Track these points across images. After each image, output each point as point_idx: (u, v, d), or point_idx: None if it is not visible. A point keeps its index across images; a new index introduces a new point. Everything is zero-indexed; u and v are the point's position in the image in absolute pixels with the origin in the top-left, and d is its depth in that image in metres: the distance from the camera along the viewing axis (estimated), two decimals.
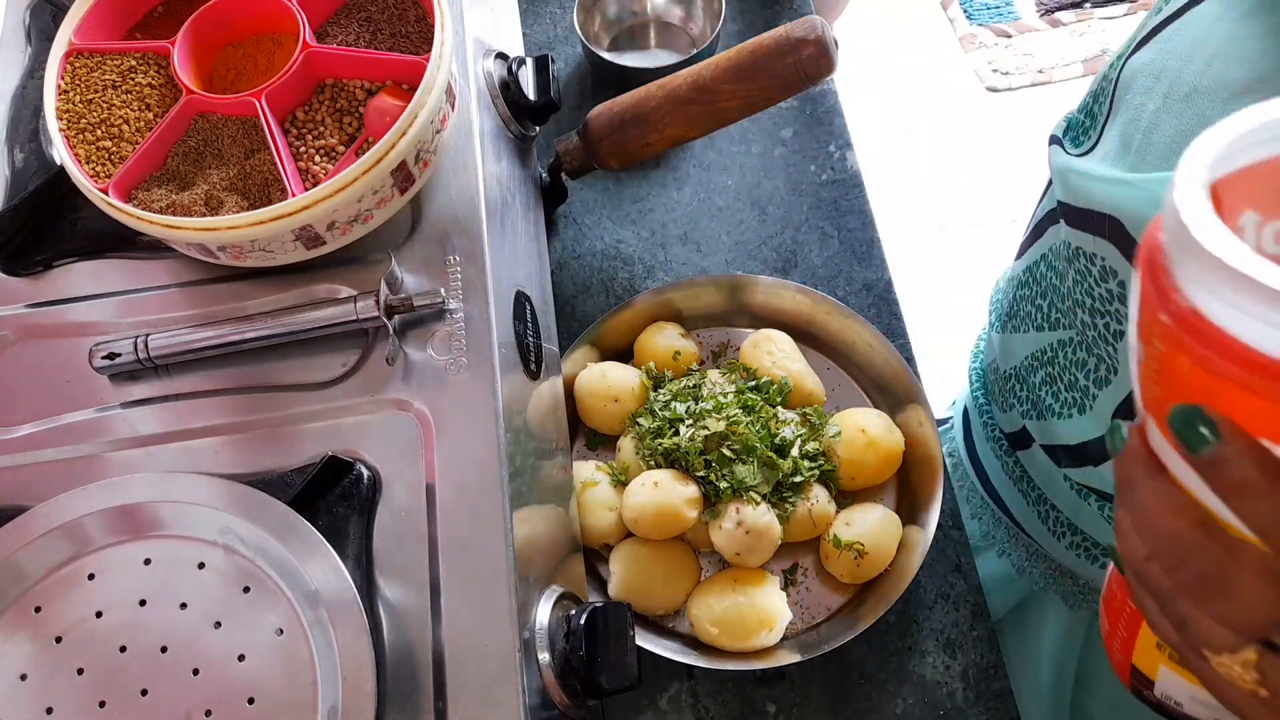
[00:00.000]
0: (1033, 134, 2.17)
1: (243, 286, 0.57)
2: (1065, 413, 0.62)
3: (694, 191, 0.86)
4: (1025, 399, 0.68)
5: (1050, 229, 0.60)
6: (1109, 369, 0.56)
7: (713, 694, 0.66)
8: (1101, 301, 0.53)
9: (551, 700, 0.49)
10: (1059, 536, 0.70)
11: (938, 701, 0.65)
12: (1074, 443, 0.62)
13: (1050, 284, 0.61)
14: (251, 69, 0.59)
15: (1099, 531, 0.66)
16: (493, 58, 0.65)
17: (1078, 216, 0.54)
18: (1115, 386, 0.56)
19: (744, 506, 0.63)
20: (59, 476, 0.52)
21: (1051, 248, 0.60)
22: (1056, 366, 0.62)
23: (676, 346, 0.73)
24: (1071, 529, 0.69)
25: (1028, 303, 0.65)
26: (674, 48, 0.94)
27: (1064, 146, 0.58)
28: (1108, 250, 0.51)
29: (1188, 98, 0.47)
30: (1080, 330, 0.57)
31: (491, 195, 0.59)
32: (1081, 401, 0.60)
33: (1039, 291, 0.63)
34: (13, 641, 0.47)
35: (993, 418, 0.78)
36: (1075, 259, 0.55)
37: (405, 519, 0.50)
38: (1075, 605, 0.74)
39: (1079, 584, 0.72)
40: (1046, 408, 0.64)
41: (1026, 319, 0.65)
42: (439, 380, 0.52)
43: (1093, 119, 0.57)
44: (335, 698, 0.44)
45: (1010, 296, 0.69)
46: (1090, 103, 0.58)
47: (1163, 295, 0.25)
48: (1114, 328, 0.53)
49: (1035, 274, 0.64)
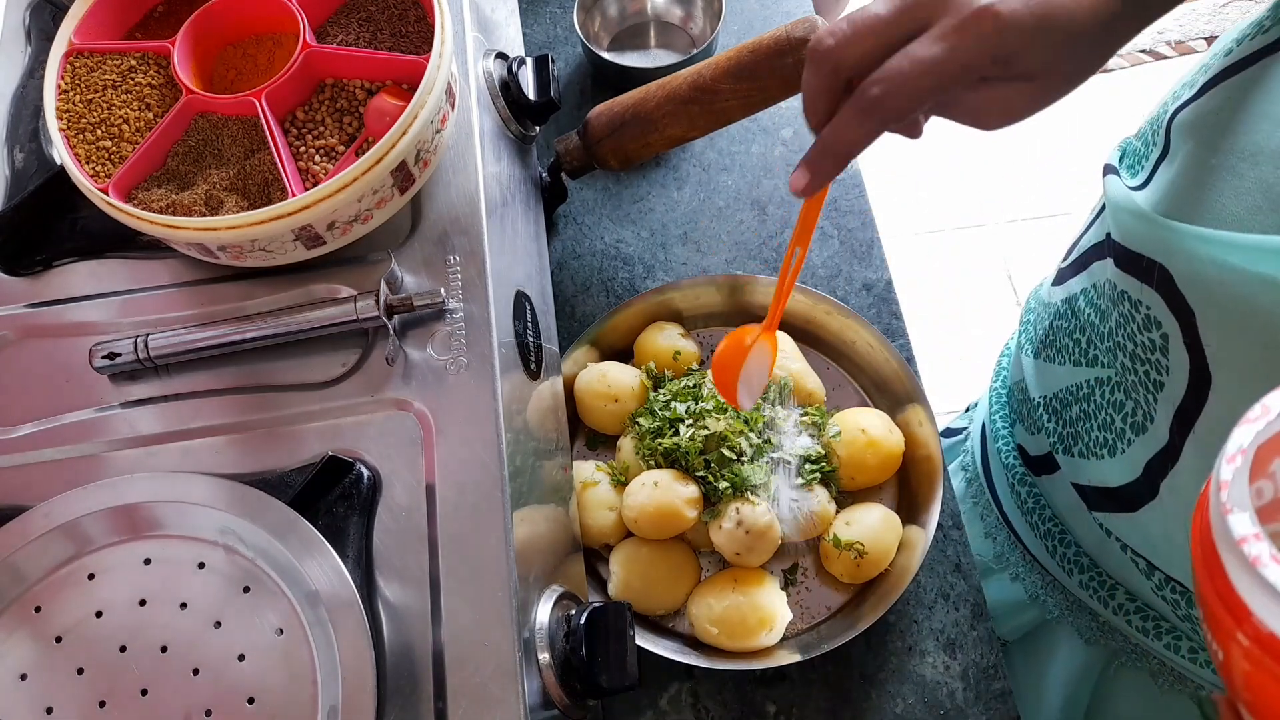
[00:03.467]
0: (1033, 133, 2.17)
1: (243, 286, 0.57)
2: (1099, 452, 0.59)
3: (694, 191, 0.86)
4: (1055, 431, 0.65)
5: (1096, 264, 0.58)
6: (1145, 415, 0.53)
7: (713, 694, 0.66)
8: (1144, 349, 0.51)
9: (551, 700, 0.49)
10: (1069, 572, 0.69)
11: (938, 701, 0.65)
12: (1105, 485, 0.60)
13: (1090, 321, 0.58)
14: (251, 69, 0.59)
15: (1121, 573, 0.64)
16: (493, 58, 0.65)
17: (1128, 259, 0.51)
18: (1151, 435, 0.53)
19: (744, 506, 0.63)
20: (59, 476, 0.52)
21: (1096, 284, 0.58)
22: (1093, 404, 0.59)
23: (676, 346, 0.73)
24: (1082, 566, 0.68)
25: (1065, 335, 0.62)
26: (674, 48, 0.94)
27: (1120, 175, 0.54)
28: (1154, 300, 0.49)
29: (1253, 159, 0.44)
30: (1120, 372, 0.55)
31: (491, 195, 0.59)
32: (1115, 444, 0.57)
33: (1078, 326, 0.60)
34: (13, 641, 0.47)
35: (1009, 444, 0.76)
36: (1120, 302, 0.53)
37: (405, 519, 0.50)
38: (1091, 640, 0.71)
39: (1098, 620, 0.69)
40: (1079, 444, 0.62)
41: (1063, 351, 0.63)
42: (439, 380, 0.52)
43: (1149, 148, 0.54)
44: (335, 698, 0.44)
45: (1046, 324, 0.66)
46: (1148, 130, 0.55)
47: (1237, 613, 0.25)
48: (1154, 377, 0.51)
49: (1075, 307, 0.61)
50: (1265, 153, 0.43)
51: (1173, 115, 0.51)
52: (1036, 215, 2.07)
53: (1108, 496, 0.60)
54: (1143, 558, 0.60)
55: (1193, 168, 0.47)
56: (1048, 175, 2.09)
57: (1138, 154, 0.55)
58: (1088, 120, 2.17)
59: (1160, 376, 0.50)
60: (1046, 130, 2.20)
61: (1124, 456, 0.57)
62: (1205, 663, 0.61)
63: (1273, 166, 0.43)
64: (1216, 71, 0.48)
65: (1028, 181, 2.10)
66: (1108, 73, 2.25)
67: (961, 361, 1.88)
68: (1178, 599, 0.59)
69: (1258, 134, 0.44)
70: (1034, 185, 2.10)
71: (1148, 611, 0.64)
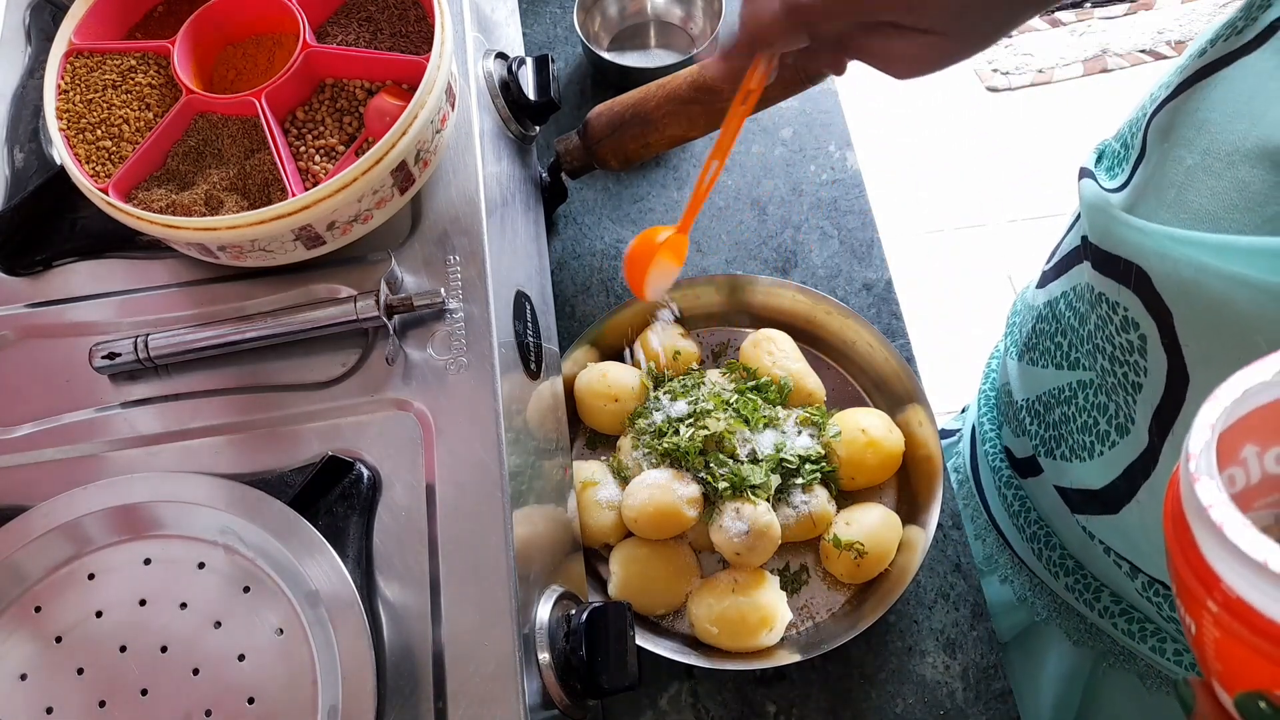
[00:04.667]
0: (1033, 134, 2.18)
1: (243, 286, 0.57)
2: (1080, 455, 0.60)
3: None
4: (1038, 434, 0.66)
5: (1075, 268, 0.58)
6: (1126, 418, 0.53)
7: (713, 694, 0.66)
8: (1122, 351, 0.51)
9: (551, 700, 0.49)
10: (1055, 575, 0.69)
11: (938, 701, 0.65)
12: (1087, 488, 0.60)
13: (1070, 325, 0.59)
14: (251, 69, 0.59)
15: (1106, 575, 0.65)
16: (493, 58, 0.65)
17: (1104, 260, 0.51)
18: (1133, 437, 0.53)
19: (744, 506, 0.63)
20: (59, 476, 0.52)
21: (1075, 287, 0.58)
22: (1074, 407, 0.60)
23: (677, 347, 0.73)
24: (1068, 569, 0.68)
25: (1047, 338, 0.63)
26: (674, 48, 0.94)
27: (1096, 179, 0.55)
28: (1131, 301, 0.49)
29: (1228, 158, 0.44)
30: (1100, 375, 0.55)
31: (491, 195, 0.59)
32: (1096, 447, 0.58)
33: (1058, 329, 0.61)
34: (13, 641, 0.47)
35: (996, 446, 0.76)
36: (1098, 304, 0.53)
37: (405, 519, 0.50)
38: (1079, 642, 0.71)
39: (1085, 623, 0.70)
40: (1061, 447, 0.62)
41: (1045, 355, 0.63)
42: (439, 380, 0.52)
43: (1127, 150, 0.54)
44: (335, 697, 0.44)
45: (1030, 328, 0.66)
46: (1126, 133, 0.55)
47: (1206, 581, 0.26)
48: (1133, 379, 0.51)
49: (1055, 310, 0.62)
50: (1240, 152, 0.43)
51: (1150, 116, 0.51)
52: (1036, 215, 2.07)
53: (1090, 499, 0.60)
54: (1126, 560, 0.60)
55: (1169, 168, 0.47)
56: (1048, 175, 2.09)
57: (1116, 156, 0.55)
58: (1088, 120, 2.17)
59: (1139, 378, 0.50)
60: (1047, 130, 2.20)
61: (1104, 459, 0.57)
62: (1191, 664, 0.61)
63: (1248, 166, 0.43)
64: (1192, 72, 0.48)
65: (1028, 181, 2.10)
66: (1108, 73, 2.25)
67: (961, 362, 1.88)
68: (1161, 601, 0.59)
69: (1233, 134, 0.44)
70: (1034, 185, 2.10)
71: (1133, 614, 0.64)
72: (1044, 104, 2.22)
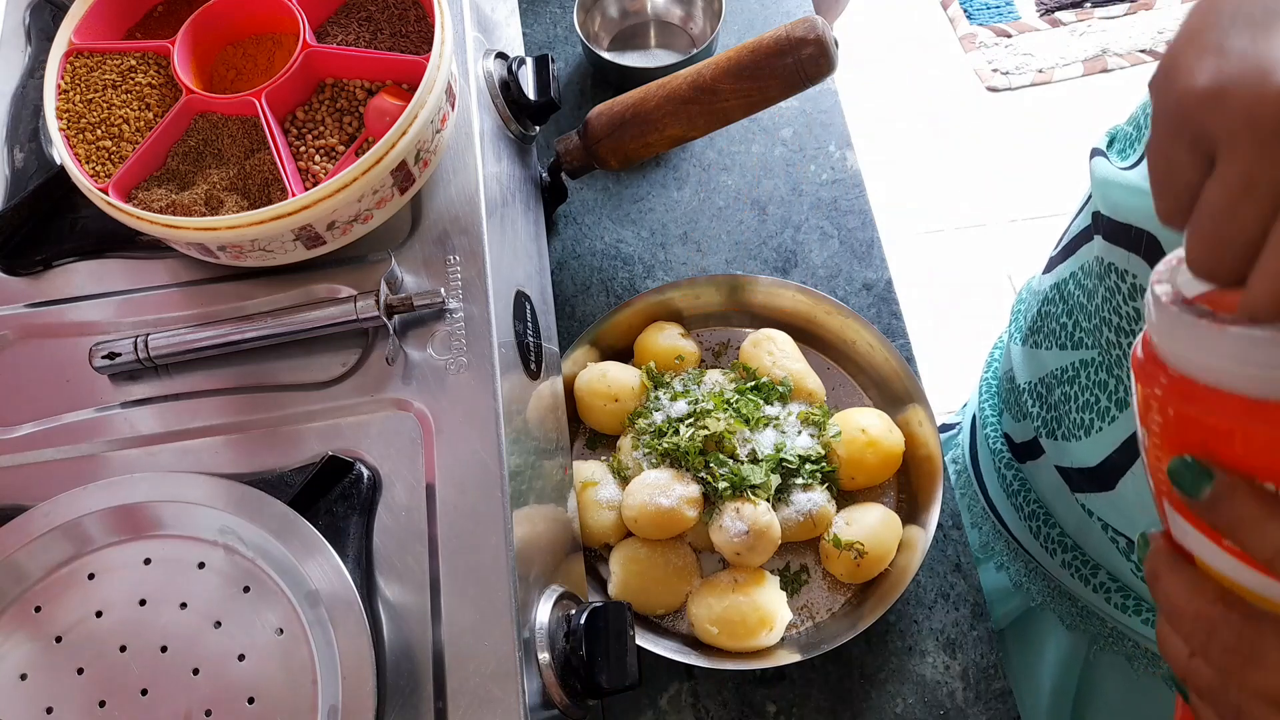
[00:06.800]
0: (1033, 133, 2.18)
1: (243, 286, 0.57)
2: (1081, 434, 0.62)
3: (694, 191, 0.86)
4: (1040, 415, 0.67)
5: (1084, 247, 0.61)
6: (1127, 392, 0.56)
7: (713, 694, 0.66)
8: (1128, 320, 0.54)
9: (551, 700, 0.49)
10: (1052, 553, 0.70)
11: (938, 701, 0.65)
12: (1087, 465, 0.62)
13: (1078, 302, 0.61)
14: (251, 69, 0.59)
15: (1102, 553, 0.66)
16: (493, 57, 0.65)
17: (1116, 231, 0.54)
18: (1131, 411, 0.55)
19: (744, 506, 0.63)
20: (59, 476, 0.52)
21: (1083, 265, 0.60)
22: (1077, 386, 0.62)
23: (677, 346, 0.73)
24: (1065, 547, 0.69)
25: (1053, 320, 0.65)
26: (674, 48, 0.94)
27: (1108, 158, 0.57)
28: (1140, 268, 0.51)
29: None
30: (1104, 349, 0.58)
31: (491, 195, 0.59)
32: (1097, 423, 0.60)
33: (1065, 309, 0.63)
34: (13, 641, 0.47)
35: (997, 430, 0.77)
36: (1107, 275, 0.55)
37: (405, 519, 0.50)
38: (1073, 626, 0.73)
39: (1077, 606, 0.71)
40: (1063, 426, 0.64)
41: (1050, 336, 0.65)
42: (439, 380, 0.52)
43: (1139, 130, 0.56)
44: (335, 697, 0.44)
45: (1035, 311, 0.69)
46: (1139, 115, 0.57)
47: (1155, 370, 0.28)
48: None
49: (1063, 291, 0.64)
50: None
51: None
52: (1036, 215, 2.07)
53: (1088, 477, 0.62)
54: (1123, 536, 0.62)
55: None
56: (1048, 175, 2.09)
57: (1128, 138, 0.57)
58: (1088, 120, 2.17)
59: None
60: (1047, 130, 2.20)
61: (1103, 434, 0.59)
62: None
63: None
64: None
65: (1028, 181, 2.10)
66: (1108, 73, 2.25)
67: (961, 361, 1.88)
68: None
69: None
70: (1034, 185, 2.10)
71: (1128, 591, 0.66)
72: (1044, 104, 2.22)
